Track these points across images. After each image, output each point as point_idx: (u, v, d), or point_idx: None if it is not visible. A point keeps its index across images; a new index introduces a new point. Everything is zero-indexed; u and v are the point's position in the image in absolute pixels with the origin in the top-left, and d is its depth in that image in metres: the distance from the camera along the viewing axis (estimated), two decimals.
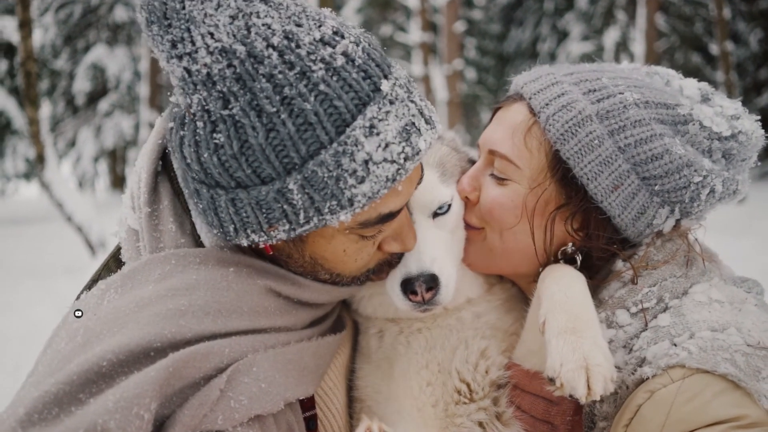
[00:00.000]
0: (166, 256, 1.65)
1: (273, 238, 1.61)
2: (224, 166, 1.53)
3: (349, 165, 1.50)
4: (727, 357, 1.58)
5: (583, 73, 1.93)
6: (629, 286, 1.82)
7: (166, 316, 1.49)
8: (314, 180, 1.50)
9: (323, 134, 1.49)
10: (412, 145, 1.57)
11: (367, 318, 2.13)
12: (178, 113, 1.60)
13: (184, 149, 1.58)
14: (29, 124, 12.35)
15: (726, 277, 1.88)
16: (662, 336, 1.68)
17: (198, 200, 1.65)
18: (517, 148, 1.90)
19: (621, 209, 1.84)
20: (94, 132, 30.79)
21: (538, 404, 1.82)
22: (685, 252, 1.88)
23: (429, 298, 1.85)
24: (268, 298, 1.68)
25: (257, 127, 1.48)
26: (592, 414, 1.76)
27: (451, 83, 18.10)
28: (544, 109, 1.86)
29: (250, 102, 1.48)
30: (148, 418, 1.35)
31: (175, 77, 1.56)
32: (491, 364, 1.94)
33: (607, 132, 1.81)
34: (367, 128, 1.51)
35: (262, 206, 1.55)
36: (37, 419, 1.32)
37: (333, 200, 1.53)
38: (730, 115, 1.86)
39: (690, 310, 1.72)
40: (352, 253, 1.73)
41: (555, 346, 1.59)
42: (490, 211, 1.95)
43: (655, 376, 1.62)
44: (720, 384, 1.56)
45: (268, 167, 1.51)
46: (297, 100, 1.48)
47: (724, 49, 20.49)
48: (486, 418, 1.90)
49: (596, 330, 1.64)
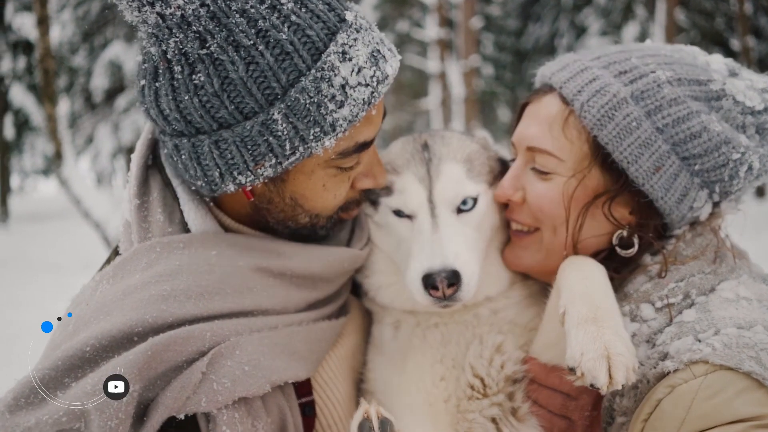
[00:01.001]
0: (152, 245, 1.69)
1: (260, 176, 1.64)
2: (205, 107, 1.56)
3: (328, 90, 1.57)
4: (752, 355, 1.54)
5: (611, 55, 1.89)
6: (655, 280, 1.79)
7: (149, 301, 1.53)
8: (297, 107, 1.55)
9: (300, 62, 1.55)
10: (381, 70, 1.66)
11: (384, 308, 2.11)
12: (149, 68, 1.62)
13: (160, 101, 1.60)
14: (47, 121, 12.44)
15: (755, 275, 1.83)
16: (686, 331, 1.64)
17: (178, 156, 1.67)
18: (558, 141, 1.86)
19: (664, 191, 1.79)
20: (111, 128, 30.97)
21: (555, 399, 1.80)
22: (714, 248, 1.83)
23: (450, 294, 1.83)
24: (254, 278, 1.70)
25: (236, 62, 1.52)
26: (612, 409, 1.73)
27: (468, 80, 18.01)
28: (577, 97, 1.82)
29: (226, 38, 1.53)
30: (127, 400, 1.40)
31: (148, 26, 1.57)
32: (507, 359, 1.92)
33: (644, 113, 1.77)
34: (340, 54, 1.59)
35: (247, 143, 1.58)
36: (24, 404, 1.39)
37: (316, 127, 1.58)
38: (761, 88, 1.82)
39: (716, 307, 1.68)
40: (331, 187, 1.77)
41: (575, 336, 1.57)
42: (541, 208, 1.92)
43: (677, 370, 1.58)
44: (743, 382, 1.52)
45: (251, 101, 1.55)
46: (272, 31, 1.53)
47: (746, 44, 20.29)
48: (499, 413, 1.88)
49: (617, 319, 1.62)
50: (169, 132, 1.67)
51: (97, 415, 1.36)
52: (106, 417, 1.37)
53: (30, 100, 22.69)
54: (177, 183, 1.80)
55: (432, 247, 1.87)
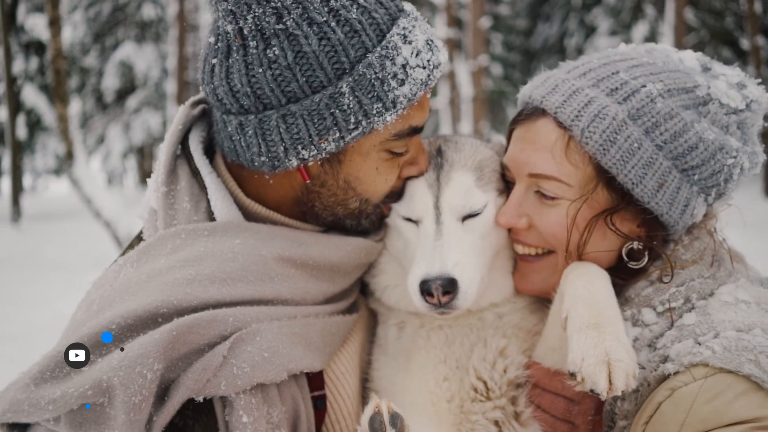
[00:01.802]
0: (177, 231, 1.75)
1: (322, 151, 1.75)
2: (277, 81, 1.69)
3: (391, 68, 1.72)
4: (752, 358, 1.56)
5: (597, 70, 1.89)
6: (656, 285, 1.81)
7: (174, 284, 1.59)
8: (363, 82, 1.69)
9: (368, 40, 1.71)
10: (435, 56, 1.82)
11: (389, 308, 2.13)
12: (221, 47, 1.76)
13: (232, 77, 1.73)
14: (59, 121, 12.51)
15: (753, 279, 1.87)
16: (686, 334, 1.67)
17: (242, 134, 1.78)
18: (563, 167, 1.86)
19: (668, 206, 1.82)
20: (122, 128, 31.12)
21: (558, 403, 1.81)
22: (712, 251, 1.86)
23: (446, 302, 1.84)
24: (276, 267, 1.76)
25: (310, 36, 1.67)
26: (613, 413, 1.75)
27: (476, 79, 18.00)
28: (576, 122, 1.82)
29: (301, 14, 1.68)
30: (151, 378, 1.44)
31: (227, 3, 1.70)
32: (510, 363, 1.93)
33: (643, 131, 1.79)
34: (401, 36, 1.75)
35: (314, 116, 1.70)
36: (49, 377, 1.45)
37: (378, 102, 1.71)
38: (736, 83, 1.86)
39: (716, 310, 1.71)
40: (383, 171, 1.88)
41: (577, 341, 1.59)
42: (554, 234, 1.91)
43: (677, 373, 1.61)
44: (743, 384, 1.54)
45: (321, 74, 1.68)
46: (342, 11, 1.70)
47: (755, 44, 20.16)
48: (502, 417, 1.89)
49: (619, 326, 1.64)
50: (235, 110, 1.76)
51: (122, 390, 1.40)
52: (131, 393, 1.41)
53: (42, 101, 22.85)
54: (206, 173, 1.87)
55: (433, 253, 1.88)
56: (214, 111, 1.87)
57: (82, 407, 1.41)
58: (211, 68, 1.77)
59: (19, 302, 11.06)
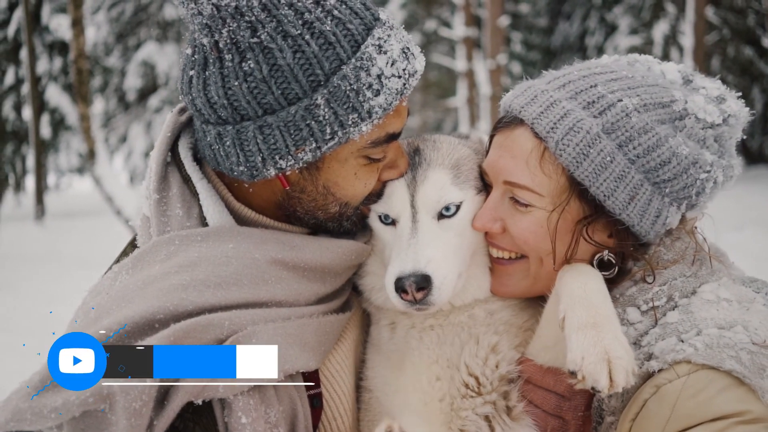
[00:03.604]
0: (171, 238, 1.79)
1: (299, 160, 1.77)
2: (253, 93, 1.70)
3: (366, 79, 1.73)
4: (733, 354, 1.61)
5: (576, 82, 1.92)
6: (640, 285, 1.86)
7: (169, 290, 1.62)
8: (338, 93, 1.70)
9: (342, 51, 1.71)
10: (411, 65, 1.84)
11: (379, 309, 2.16)
12: (198, 59, 1.77)
13: (209, 89, 1.75)
14: (81, 120, 12.67)
15: (735, 277, 1.91)
16: (670, 332, 1.72)
17: (221, 144, 1.80)
18: (536, 176, 1.91)
19: (639, 218, 1.86)
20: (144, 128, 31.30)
21: (549, 399, 1.85)
22: (693, 250, 1.90)
23: (420, 298, 1.88)
24: (269, 270, 1.79)
25: (284, 49, 1.68)
26: (601, 409, 1.80)
27: (495, 78, 17.94)
28: (551, 134, 1.86)
29: (275, 28, 1.69)
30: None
31: (203, 17, 1.71)
32: (502, 359, 1.97)
33: (616, 145, 1.82)
34: (376, 46, 1.76)
35: (290, 127, 1.73)
36: (51, 385, 1.46)
37: (354, 113, 1.73)
38: (715, 97, 1.89)
39: (698, 308, 1.76)
40: (362, 176, 1.90)
41: (576, 341, 1.63)
42: (526, 241, 1.96)
43: (661, 370, 1.66)
44: (725, 380, 1.59)
45: (296, 86, 1.70)
46: (317, 23, 1.70)
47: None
48: (492, 411, 1.93)
49: (616, 324, 1.68)
50: (213, 120, 1.79)
51: (122, 396, 1.44)
52: (131, 399, 1.45)
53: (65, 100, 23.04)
54: (197, 179, 1.91)
55: (407, 251, 1.93)
56: (194, 120, 1.90)
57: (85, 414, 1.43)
58: (189, 79, 1.80)
59: (41, 298, 11.22)
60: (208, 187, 1.90)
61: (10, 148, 27.30)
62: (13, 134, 26.73)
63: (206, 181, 1.92)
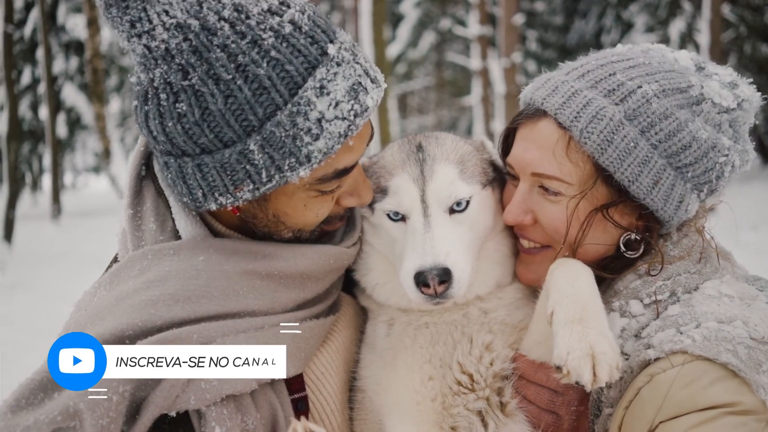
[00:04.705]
0: (144, 252, 1.79)
1: (239, 199, 1.73)
2: (188, 134, 1.65)
3: (304, 124, 1.63)
4: (730, 348, 1.62)
5: (595, 72, 1.94)
6: (644, 278, 1.88)
7: (139, 306, 1.63)
8: (273, 140, 1.62)
9: (278, 97, 1.61)
10: (360, 103, 1.70)
11: (380, 305, 2.17)
12: (140, 90, 1.71)
13: (150, 123, 1.70)
14: (96, 120, 12.79)
15: (738, 275, 1.93)
16: (670, 324, 1.74)
17: (167, 172, 1.78)
18: (564, 166, 1.93)
19: (663, 202, 1.88)
20: None
21: (543, 394, 1.87)
22: (700, 248, 1.92)
23: (441, 292, 1.88)
24: (241, 281, 1.78)
25: (216, 94, 1.60)
26: (599, 401, 1.82)
27: (509, 76, 17.88)
28: (575, 123, 1.88)
29: (207, 71, 1.60)
30: (118, 399, 1.50)
31: (136, 55, 1.67)
32: (496, 357, 1.98)
33: (639, 131, 1.85)
34: (317, 89, 1.64)
35: (227, 168, 1.67)
36: (25, 404, 1.48)
37: (291, 158, 1.65)
38: (728, 83, 1.93)
39: (699, 303, 1.78)
40: (313, 207, 1.85)
41: (562, 336, 1.64)
42: (556, 229, 1.98)
43: (657, 359, 1.67)
44: (718, 371, 1.60)
45: (229, 131, 1.63)
46: (251, 66, 1.60)
47: None
48: (485, 407, 1.94)
49: (602, 320, 1.69)
50: (158, 150, 1.77)
51: (89, 413, 1.45)
52: (98, 415, 1.46)
53: (82, 99, 23.24)
54: (169, 192, 1.88)
55: (424, 245, 1.92)
56: None
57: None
58: (134, 108, 1.76)
59: (58, 297, 11.30)
60: (182, 201, 1.88)
61: (27, 148, 27.61)
62: (29, 134, 27.03)
63: None
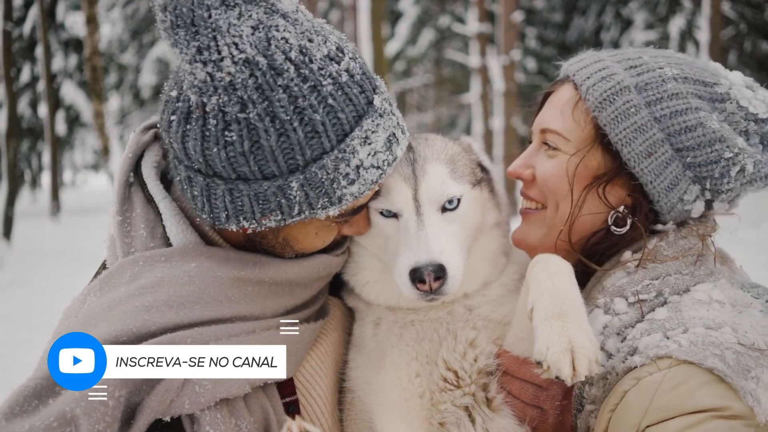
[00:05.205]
0: (135, 259, 1.81)
1: (263, 225, 1.77)
2: (230, 161, 1.68)
3: (345, 169, 1.72)
4: (717, 353, 1.62)
5: (626, 53, 2.02)
6: (632, 276, 1.87)
7: (133, 312, 1.65)
8: (313, 180, 1.70)
9: (327, 142, 1.69)
10: (393, 153, 1.83)
11: (368, 305, 2.20)
12: (182, 107, 1.72)
13: (187, 141, 1.72)
14: (96, 117, 12.78)
15: (735, 281, 1.90)
16: (656, 328, 1.74)
17: (188, 186, 1.79)
18: (566, 122, 1.99)
19: (653, 176, 1.89)
20: None
21: (527, 389, 1.89)
22: (697, 251, 1.90)
23: (436, 288, 1.91)
24: (232, 287, 1.80)
25: (270, 131, 1.65)
26: (581, 397, 1.83)
27: (508, 74, 17.88)
28: (585, 81, 1.96)
29: (266, 109, 1.65)
30: (113, 404, 1.51)
31: (194, 78, 1.67)
32: (480, 353, 2.01)
33: (644, 102, 1.88)
34: (362, 138, 1.74)
35: (260, 198, 1.72)
36: (19, 411, 1.48)
37: (325, 198, 1.73)
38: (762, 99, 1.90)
39: (688, 307, 1.77)
40: (322, 235, 1.93)
41: (542, 331, 1.66)
42: (546, 182, 2.04)
43: (643, 365, 1.67)
44: (705, 376, 1.60)
45: (274, 166, 1.68)
46: (308, 111, 1.67)
47: None
48: (472, 402, 1.96)
49: (582, 315, 1.71)
50: (186, 164, 1.78)
51: (85, 419, 1.46)
52: (94, 421, 1.46)
53: (81, 97, 23.20)
54: (160, 199, 1.89)
55: (418, 242, 1.94)
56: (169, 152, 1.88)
57: None
58: (169, 121, 1.76)
59: (57, 294, 11.30)
60: (172, 206, 1.90)
61: (26, 145, 27.60)
62: (28, 131, 26.99)
63: (170, 200, 1.91)
